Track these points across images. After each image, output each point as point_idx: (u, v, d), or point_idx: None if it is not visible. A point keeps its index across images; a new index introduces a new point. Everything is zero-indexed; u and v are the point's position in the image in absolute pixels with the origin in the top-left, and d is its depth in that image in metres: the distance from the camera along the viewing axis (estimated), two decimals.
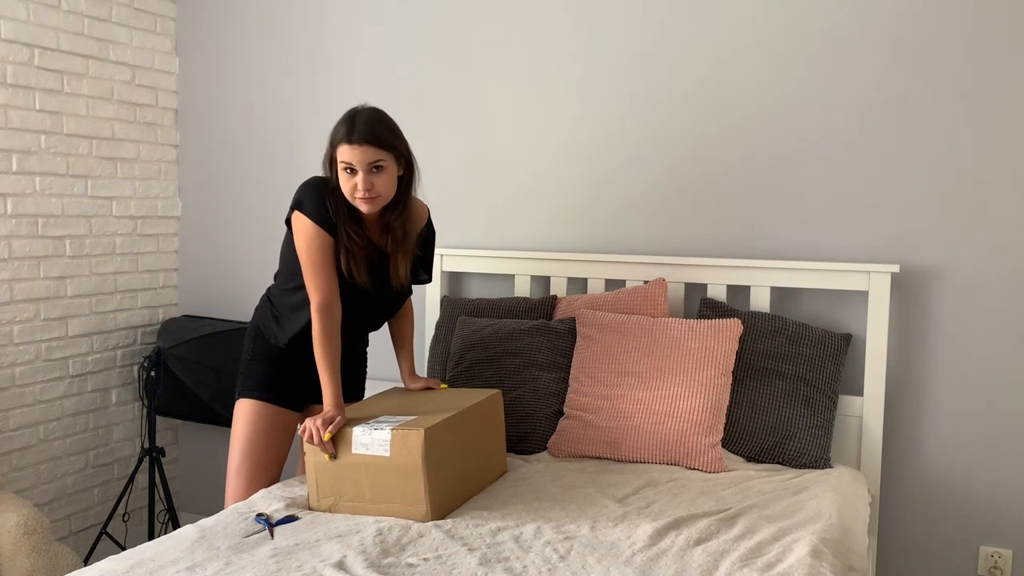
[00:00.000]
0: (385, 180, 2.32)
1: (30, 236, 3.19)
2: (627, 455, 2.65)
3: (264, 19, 3.62)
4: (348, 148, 2.27)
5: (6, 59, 3.08)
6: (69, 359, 3.38)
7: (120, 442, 3.61)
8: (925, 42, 2.79)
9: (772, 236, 2.98)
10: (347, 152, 2.28)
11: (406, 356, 2.66)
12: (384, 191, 2.32)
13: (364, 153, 2.27)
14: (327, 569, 1.82)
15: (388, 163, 2.31)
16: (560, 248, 3.23)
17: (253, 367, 2.53)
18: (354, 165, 2.28)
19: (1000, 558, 2.79)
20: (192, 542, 1.96)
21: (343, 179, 2.31)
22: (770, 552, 1.96)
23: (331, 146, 2.33)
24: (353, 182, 2.29)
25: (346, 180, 2.30)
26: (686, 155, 3.06)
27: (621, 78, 3.12)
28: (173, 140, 3.78)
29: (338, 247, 2.35)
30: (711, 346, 2.72)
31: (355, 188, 2.29)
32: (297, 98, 3.58)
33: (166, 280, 3.79)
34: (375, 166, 2.29)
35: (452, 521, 2.12)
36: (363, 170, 2.28)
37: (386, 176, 2.32)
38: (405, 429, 2.13)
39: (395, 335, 2.69)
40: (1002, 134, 2.73)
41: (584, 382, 2.79)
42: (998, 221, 2.75)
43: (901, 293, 2.85)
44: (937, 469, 2.85)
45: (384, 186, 2.32)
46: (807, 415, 2.68)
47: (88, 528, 3.48)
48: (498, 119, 3.29)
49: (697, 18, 3.02)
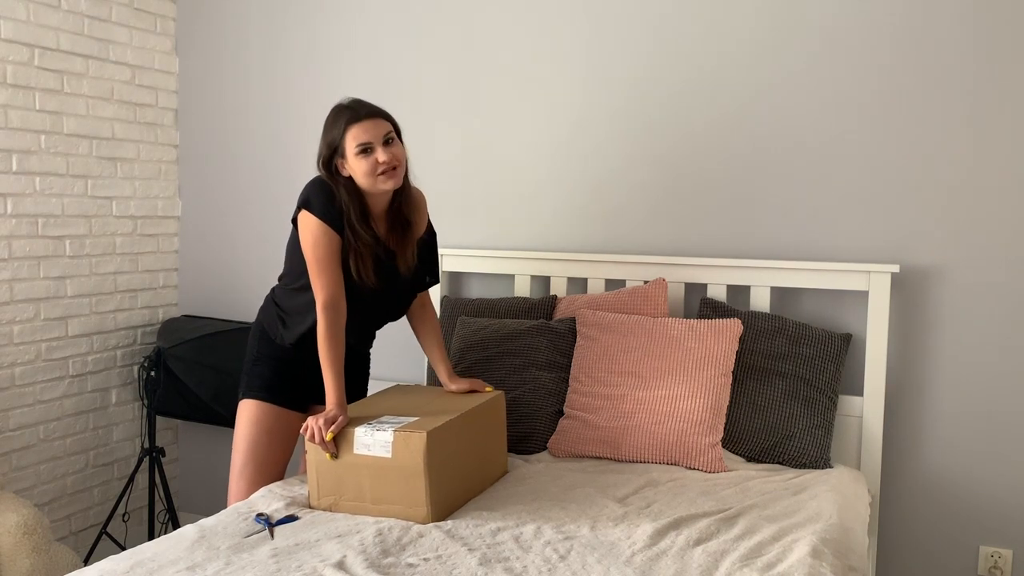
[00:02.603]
0: (400, 150, 2.35)
1: (30, 236, 3.19)
2: (627, 455, 2.65)
3: (264, 19, 3.62)
4: (360, 127, 2.28)
5: (6, 59, 3.08)
6: (69, 359, 3.38)
7: (120, 442, 3.61)
8: (925, 42, 2.79)
9: (772, 236, 2.98)
10: (359, 132, 2.28)
11: (441, 358, 2.61)
12: (402, 160, 2.35)
13: (377, 126, 2.30)
14: (327, 569, 1.82)
15: (394, 133, 2.35)
16: (560, 248, 3.23)
17: (257, 367, 2.52)
18: (370, 141, 2.28)
19: (1000, 558, 2.79)
20: (192, 542, 1.96)
21: (359, 163, 2.30)
22: (770, 552, 1.96)
23: (333, 140, 2.33)
24: (372, 159, 2.29)
25: (363, 162, 2.29)
26: (686, 155, 3.06)
27: (621, 77, 3.12)
28: (173, 140, 3.78)
29: (345, 248, 2.35)
30: (711, 346, 2.72)
31: (375, 165, 2.29)
32: (297, 98, 3.58)
33: (166, 280, 3.79)
34: (388, 138, 2.31)
35: (452, 521, 2.12)
36: (380, 143, 2.29)
37: (398, 146, 2.35)
38: (407, 431, 2.13)
39: (423, 340, 2.65)
40: (1002, 134, 2.73)
41: (584, 382, 2.79)
42: (998, 221, 2.75)
43: (901, 293, 2.85)
44: (937, 469, 2.85)
45: (401, 155, 2.35)
46: (807, 415, 2.68)
47: (88, 528, 3.48)
48: (498, 119, 3.29)
49: (697, 17, 3.02)
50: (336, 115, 2.34)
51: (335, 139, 2.32)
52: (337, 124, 2.32)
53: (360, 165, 2.30)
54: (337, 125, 2.32)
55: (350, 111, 2.31)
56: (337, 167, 2.34)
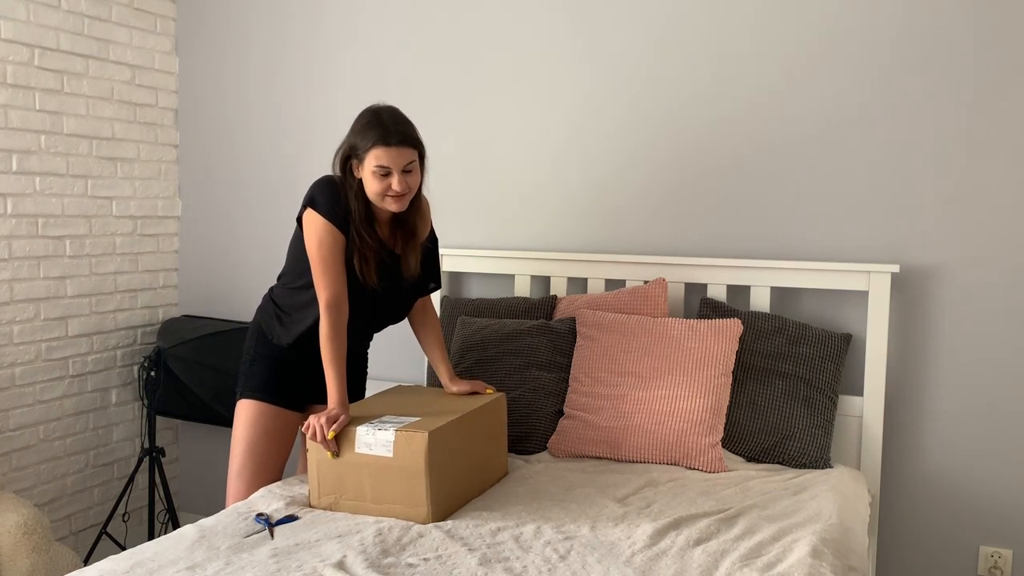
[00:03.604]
0: (416, 178, 2.35)
1: (30, 236, 3.19)
2: (627, 455, 2.65)
3: (264, 19, 3.62)
4: (385, 151, 2.26)
5: (6, 59, 3.08)
6: (69, 359, 3.38)
7: (120, 442, 3.61)
8: (925, 42, 2.79)
9: (772, 236, 2.98)
10: (383, 155, 2.26)
11: (442, 359, 2.60)
12: (414, 187, 2.35)
13: (401, 155, 2.28)
14: (327, 569, 1.82)
15: (417, 161, 2.34)
16: (560, 248, 3.23)
17: (255, 367, 2.52)
18: (391, 168, 2.27)
19: (1000, 558, 2.79)
20: (192, 542, 1.96)
21: (373, 181, 2.29)
22: (770, 552, 1.96)
23: (356, 149, 2.30)
24: (387, 183, 2.28)
25: (377, 182, 2.29)
26: (686, 155, 3.06)
27: (622, 78, 3.12)
28: (173, 140, 3.78)
29: (350, 248, 2.34)
30: (711, 346, 2.72)
31: (387, 189, 2.29)
32: (297, 98, 3.58)
33: (166, 280, 3.79)
34: (408, 168, 2.30)
35: (452, 521, 2.12)
36: (399, 171, 2.28)
37: (416, 175, 2.35)
38: (409, 431, 2.13)
39: (424, 342, 2.65)
40: (1002, 134, 2.73)
41: (584, 382, 2.79)
42: (998, 221, 2.75)
43: (901, 293, 2.85)
44: (937, 469, 2.85)
45: (415, 183, 2.35)
46: (807, 415, 2.68)
47: (88, 528, 3.48)
48: (498, 119, 3.29)
49: (697, 19, 3.02)
50: (368, 125, 2.30)
51: (358, 147, 2.30)
52: (366, 136, 2.29)
53: (373, 184, 2.30)
54: (366, 137, 2.29)
55: (381, 130, 2.27)
56: (352, 168, 2.34)
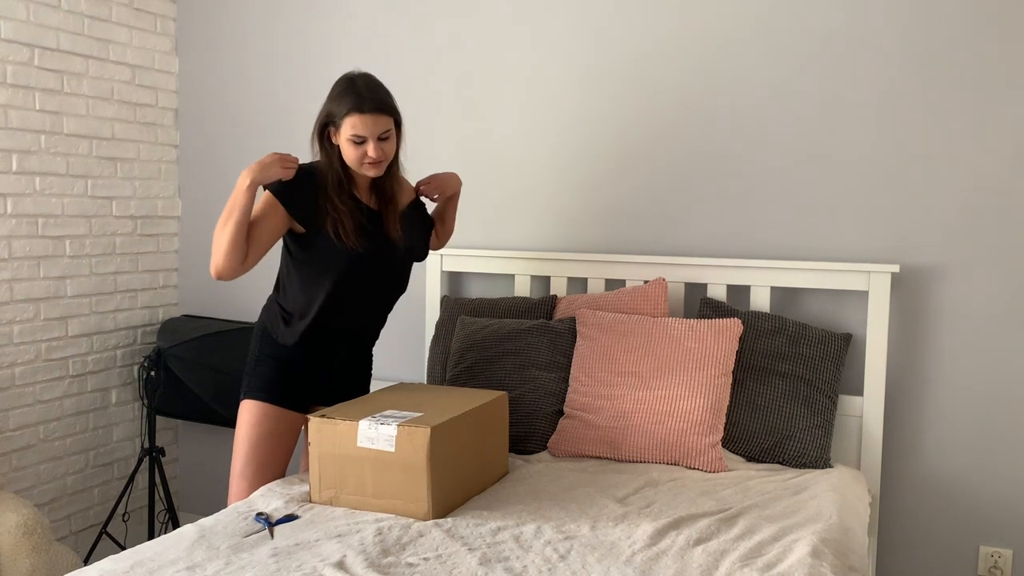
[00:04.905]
0: (391, 146, 2.39)
1: (30, 236, 3.20)
2: (627, 455, 2.65)
3: (264, 19, 3.62)
4: (359, 119, 2.30)
5: (6, 59, 3.08)
6: (69, 359, 3.38)
7: (120, 442, 3.61)
8: (926, 42, 2.79)
9: (772, 236, 2.98)
10: (358, 124, 2.30)
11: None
12: (390, 154, 2.39)
13: (376, 123, 2.31)
14: (327, 569, 1.82)
15: (392, 128, 2.37)
16: (560, 248, 3.23)
17: (259, 368, 2.53)
18: (366, 136, 2.31)
19: (1000, 558, 2.79)
20: (192, 542, 1.96)
21: (349, 148, 2.34)
22: (770, 552, 1.96)
23: (333, 116, 2.34)
24: (362, 150, 2.33)
25: (353, 149, 2.33)
26: (686, 155, 3.06)
27: (621, 77, 3.12)
28: (173, 140, 3.78)
29: (324, 220, 2.38)
30: (711, 346, 2.72)
31: (364, 156, 2.33)
32: (296, 98, 3.58)
33: (166, 280, 3.79)
34: (384, 135, 2.34)
35: (452, 520, 2.12)
36: (374, 139, 2.32)
37: (392, 143, 2.39)
38: (411, 426, 2.13)
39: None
40: (1002, 134, 2.73)
41: (584, 382, 2.79)
42: (998, 221, 2.75)
43: (901, 293, 2.85)
44: (937, 469, 2.85)
45: (391, 150, 2.39)
46: (807, 415, 2.68)
47: (88, 528, 3.48)
48: (498, 119, 3.29)
49: (698, 18, 3.02)
50: (343, 93, 2.34)
51: (334, 115, 2.35)
52: (341, 103, 2.33)
53: (350, 151, 2.35)
54: (340, 104, 2.33)
55: (356, 98, 2.31)
56: (330, 135, 2.39)
